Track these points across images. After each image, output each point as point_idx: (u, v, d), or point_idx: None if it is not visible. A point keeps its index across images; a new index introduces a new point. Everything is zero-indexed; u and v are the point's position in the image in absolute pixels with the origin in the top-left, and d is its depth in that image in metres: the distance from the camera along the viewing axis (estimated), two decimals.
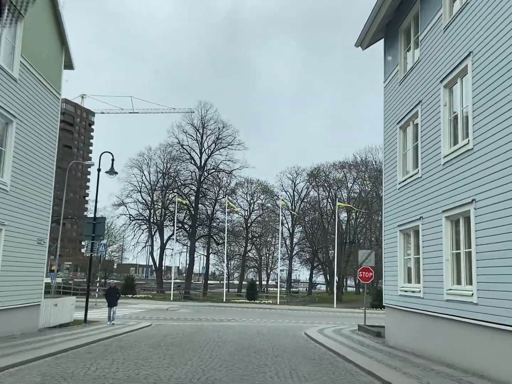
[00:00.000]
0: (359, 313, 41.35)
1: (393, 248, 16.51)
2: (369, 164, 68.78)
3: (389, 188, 17.29)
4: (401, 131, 16.23)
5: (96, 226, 22.64)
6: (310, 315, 37.02)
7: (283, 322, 29.62)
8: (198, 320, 29.15)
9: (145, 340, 17.08)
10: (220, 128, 57.01)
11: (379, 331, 19.55)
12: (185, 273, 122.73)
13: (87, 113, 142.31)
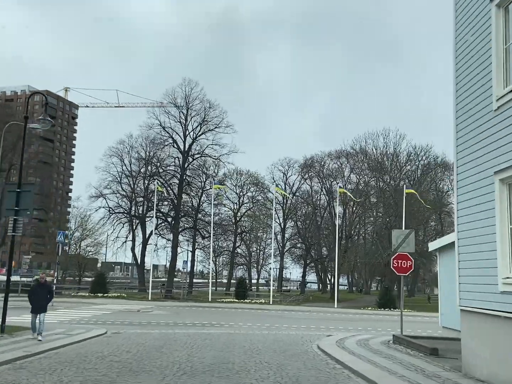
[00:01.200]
0: (369, 314, 34.52)
1: (481, 212, 9.52)
2: (369, 151, 61.90)
3: (471, 110, 10.23)
4: (499, 10, 9.26)
5: (21, 196, 15.55)
6: (312, 318, 30.15)
7: (282, 327, 22.64)
8: (173, 325, 22.13)
9: (64, 367, 10.09)
10: (206, 108, 50.08)
11: (435, 346, 12.65)
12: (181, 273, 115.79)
13: (70, 105, 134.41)
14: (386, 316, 32.95)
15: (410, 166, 63.36)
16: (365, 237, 68.07)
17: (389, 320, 28.62)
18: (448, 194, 64.98)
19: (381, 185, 58.89)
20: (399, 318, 17.19)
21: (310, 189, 73.16)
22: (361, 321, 28.67)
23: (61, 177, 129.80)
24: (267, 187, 72.39)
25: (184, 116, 50.30)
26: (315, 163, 68.03)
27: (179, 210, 51.29)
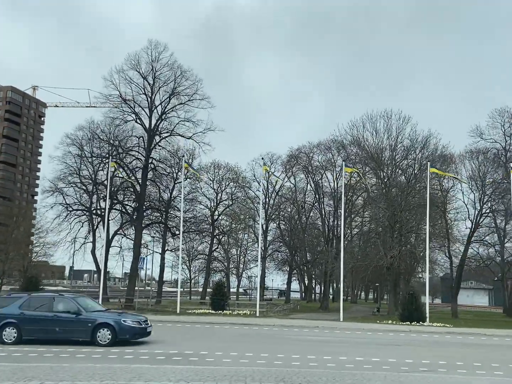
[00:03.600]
0: (431, 334, 23.22)
1: None
2: (368, 139, 51.66)
3: None
4: None
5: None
6: (342, 342, 18.80)
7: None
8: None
9: None
10: (177, 76, 39.68)
11: None
12: (150, 280, 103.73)
13: (37, 104, 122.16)
14: (469, 336, 22.67)
15: (406, 161, 53.17)
16: (360, 237, 58.00)
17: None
18: (453, 190, 55.20)
19: (382, 175, 49.00)
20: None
21: (294, 186, 63.17)
22: (459, 347, 18.21)
23: (26, 179, 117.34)
24: (248, 182, 62.31)
25: (150, 86, 39.73)
26: (301, 154, 58.06)
27: (143, 200, 40.52)
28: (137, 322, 16.07)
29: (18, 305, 16.16)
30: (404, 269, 50.79)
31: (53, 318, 15.80)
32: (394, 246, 44.28)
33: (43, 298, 16.90)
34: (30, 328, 15.81)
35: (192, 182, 50.74)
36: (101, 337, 15.51)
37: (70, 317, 15.80)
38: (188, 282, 74.90)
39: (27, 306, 16.14)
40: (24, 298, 16.59)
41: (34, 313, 16.03)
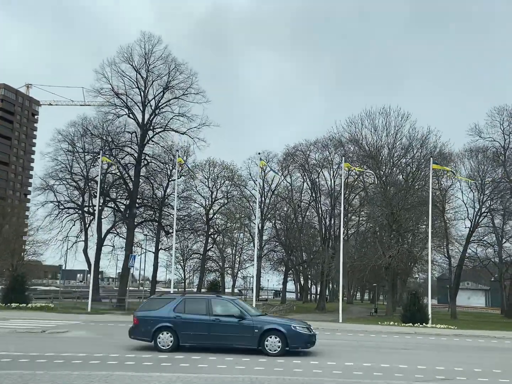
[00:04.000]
0: (460, 336, 22.16)
1: None
2: (367, 137, 50.37)
3: None
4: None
5: None
6: (346, 345, 17.17)
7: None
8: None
9: None
10: (171, 70, 38.36)
11: None
12: (145, 280, 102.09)
13: (31, 102, 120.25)
14: (479, 339, 21.39)
15: (405, 159, 51.85)
16: (357, 237, 56.87)
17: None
18: (452, 189, 54.17)
19: (380, 173, 47.78)
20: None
21: (291, 184, 61.95)
22: (472, 351, 16.79)
23: (19, 178, 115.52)
24: (244, 181, 61.03)
25: (143, 79, 38.33)
26: (298, 151, 56.79)
27: (135, 197, 39.12)
28: (306, 328, 14.10)
29: (172, 307, 14.31)
30: (401, 269, 49.73)
31: (213, 322, 13.88)
32: (393, 246, 43.14)
33: (199, 300, 15.05)
34: (188, 333, 13.97)
35: (187, 179, 49.40)
36: (269, 345, 13.52)
37: (233, 322, 13.85)
38: (183, 282, 73.39)
39: (182, 309, 14.29)
40: (178, 299, 14.71)
41: (192, 316, 14.10)
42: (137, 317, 14.39)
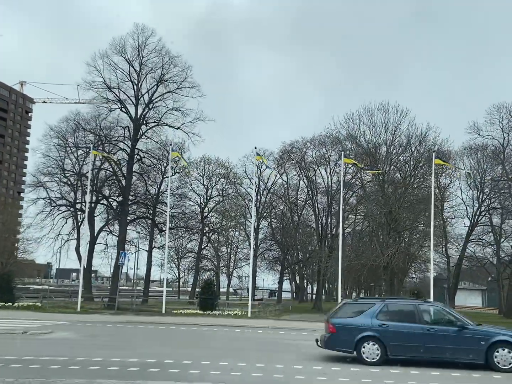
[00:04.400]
0: None
1: None
2: (366, 134, 49.17)
3: None
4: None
5: None
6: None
7: None
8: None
9: None
10: (164, 62, 37.10)
11: None
12: (139, 279, 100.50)
13: (24, 99, 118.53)
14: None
15: (403, 157, 50.67)
16: (354, 236, 55.84)
17: None
18: (451, 187, 53.20)
19: (378, 171, 46.64)
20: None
21: (287, 183, 60.84)
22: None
23: (13, 176, 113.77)
24: (240, 179, 59.83)
25: (136, 73, 37.05)
26: (294, 149, 55.71)
27: (128, 194, 37.86)
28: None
29: (373, 314, 12.71)
30: (398, 268, 48.76)
31: (428, 332, 12.21)
32: (391, 244, 42.06)
33: (404, 305, 13.30)
34: (397, 344, 12.34)
35: (181, 176, 48.14)
36: (500, 359, 11.85)
37: (451, 332, 12.22)
38: (177, 282, 72.15)
39: (385, 316, 12.76)
40: (379, 304, 13.02)
41: (400, 324, 12.53)
42: (334, 325, 12.81)
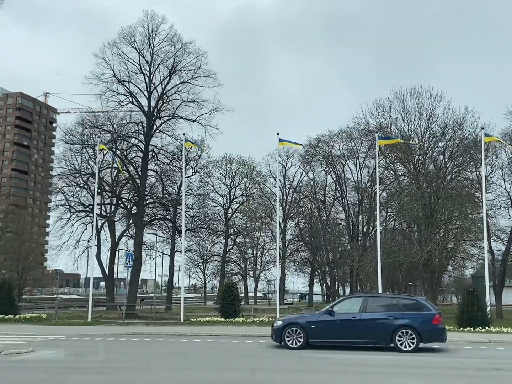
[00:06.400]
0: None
1: None
2: (392, 124, 45.02)
3: None
4: None
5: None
6: (404, 365, 11.78)
7: None
8: None
9: None
10: (177, 49, 34.02)
11: None
12: (163, 286, 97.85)
13: (48, 109, 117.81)
14: None
15: (441, 143, 46.18)
16: (388, 232, 51.57)
17: None
18: (492, 177, 48.39)
19: (413, 162, 42.45)
20: None
21: (313, 180, 57.09)
22: None
23: (39, 186, 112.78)
24: (263, 177, 56.28)
25: (147, 63, 33.99)
26: (320, 143, 51.93)
27: (143, 193, 34.73)
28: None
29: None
30: (435, 266, 44.65)
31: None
32: (432, 239, 37.88)
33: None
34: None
35: (202, 177, 44.86)
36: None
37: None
38: (204, 287, 68.92)
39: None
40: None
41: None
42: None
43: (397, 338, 13.68)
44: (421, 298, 16.18)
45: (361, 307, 14.26)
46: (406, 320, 13.85)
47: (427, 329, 13.82)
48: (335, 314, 14.29)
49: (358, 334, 13.99)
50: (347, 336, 14.03)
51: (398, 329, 13.66)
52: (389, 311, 14.18)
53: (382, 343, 13.99)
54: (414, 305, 14.49)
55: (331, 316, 14.23)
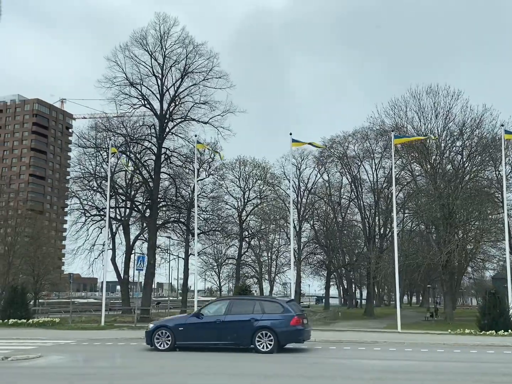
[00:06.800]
0: None
1: None
2: (408, 124, 44.18)
3: None
4: None
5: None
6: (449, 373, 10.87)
7: None
8: None
9: None
10: (188, 51, 33.83)
11: None
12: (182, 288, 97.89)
13: (64, 115, 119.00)
14: None
15: (459, 142, 45.09)
16: (405, 233, 50.59)
17: None
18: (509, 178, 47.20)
19: (429, 162, 41.59)
20: None
21: (328, 181, 56.34)
22: None
23: (56, 191, 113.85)
24: (277, 179, 55.68)
25: (159, 66, 33.83)
26: (335, 144, 51.18)
27: (156, 196, 34.51)
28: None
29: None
30: (454, 267, 43.68)
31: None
32: (450, 240, 37.00)
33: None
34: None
35: (215, 178, 44.57)
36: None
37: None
38: (219, 290, 68.63)
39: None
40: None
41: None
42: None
43: (257, 339, 14.03)
44: (283, 300, 16.39)
45: (226, 310, 14.66)
46: (266, 322, 14.21)
47: (284, 330, 14.14)
48: (203, 317, 14.63)
49: (221, 336, 14.32)
50: (212, 338, 14.30)
51: (257, 330, 14.03)
52: (251, 314, 14.45)
53: (243, 345, 14.26)
54: (275, 308, 14.78)
55: (199, 318, 14.55)
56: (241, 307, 14.78)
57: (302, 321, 14.64)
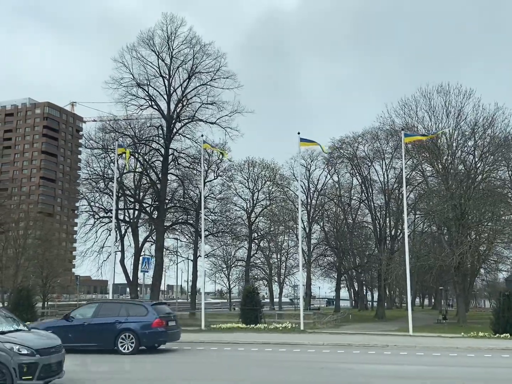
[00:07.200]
0: None
1: None
2: (418, 123, 43.50)
3: None
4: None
5: None
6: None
7: None
8: None
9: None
10: (196, 51, 33.63)
11: None
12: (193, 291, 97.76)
13: (74, 118, 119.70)
14: None
15: (470, 142, 44.31)
16: (416, 235, 49.97)
17: None
18: None
19: (441, 163, 40.87)
20: None
21: (338, 182, 55.85)
22: None
23: (66, 194, 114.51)
24: (287, 180, 55.28)
25: (167, 66, 33.64)
26: (344, 144, 50.69)
27: (163, 197, 34.30)
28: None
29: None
30: (467, 269, 42.95)
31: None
32: (463, 242, 36.31)
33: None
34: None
35: (224, 179, 44.27)
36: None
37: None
38: (229, 292, 68.31)
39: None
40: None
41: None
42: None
43: (120, 341, 14.48)
44: (147, 303, 16.81)
45: (94, 313, 15.19)
46: (129, 324, 14.69)
47: (145, 332, 14.58)
48: (72, 320, 15.11)
49: (88, 338, 14.72)
50: (79, 340, 14.57)
51: (121, 333, 14.51)
52: (116, 316, 14.90)
53: (108, 346, 14.63)
54: (139, 310, 15.17)
55: (69, 321, 15.02)
56: (108, 310, 15.22)
57: (166, 323, 14.97)
